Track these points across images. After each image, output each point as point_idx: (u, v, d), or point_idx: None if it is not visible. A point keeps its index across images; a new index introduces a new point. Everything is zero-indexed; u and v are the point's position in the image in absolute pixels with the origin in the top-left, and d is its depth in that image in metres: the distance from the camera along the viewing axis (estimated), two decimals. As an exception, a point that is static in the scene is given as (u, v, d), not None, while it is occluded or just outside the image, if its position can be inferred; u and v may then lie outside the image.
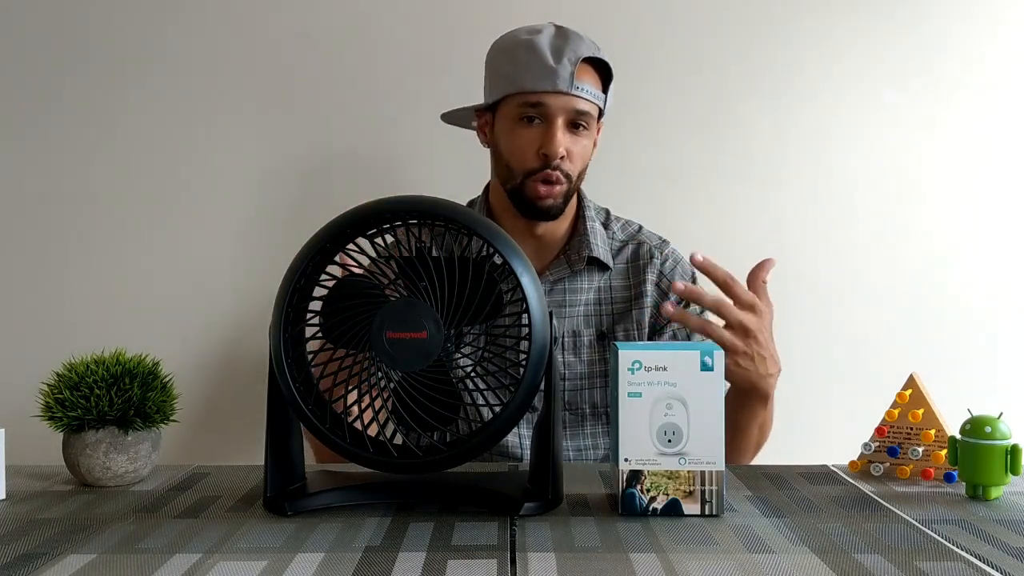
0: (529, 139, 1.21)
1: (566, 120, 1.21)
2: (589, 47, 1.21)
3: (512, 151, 1.23)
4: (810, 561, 0.70)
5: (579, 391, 1.27)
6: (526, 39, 1.21)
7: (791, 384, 1.56)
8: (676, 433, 0.81)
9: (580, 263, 1.28)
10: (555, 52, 1.19)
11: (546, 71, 1.18)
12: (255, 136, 1.58)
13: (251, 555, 0.71)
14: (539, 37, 1.21)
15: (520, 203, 1.24)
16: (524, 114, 1.21)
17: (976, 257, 1.59)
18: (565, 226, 1.31)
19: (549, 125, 1.20)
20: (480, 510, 0.83)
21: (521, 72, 1.20)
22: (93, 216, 1.58)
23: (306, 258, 0.82)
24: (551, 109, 1.20)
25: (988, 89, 1.58)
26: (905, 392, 0.97)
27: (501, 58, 1.24)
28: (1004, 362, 1.58)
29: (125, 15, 1.58)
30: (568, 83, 1.18)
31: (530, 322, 0.80)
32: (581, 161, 1.25)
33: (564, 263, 1.29)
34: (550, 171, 1.21)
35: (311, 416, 0.82)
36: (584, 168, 1.27)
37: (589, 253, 1.28)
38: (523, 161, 1.22)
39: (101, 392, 0.91)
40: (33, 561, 0.71)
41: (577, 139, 1.23)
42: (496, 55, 1.26)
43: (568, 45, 1.20)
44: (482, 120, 1.30)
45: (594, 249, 1.28)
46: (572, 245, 1.30)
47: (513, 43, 1.23)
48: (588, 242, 1.29)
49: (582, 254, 1.28)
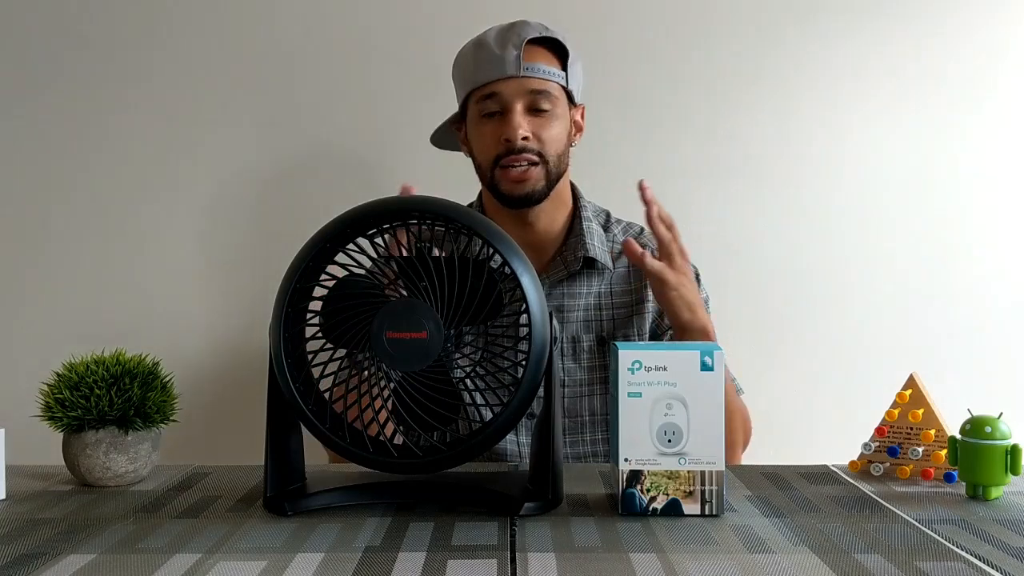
0: (491, 131, 1.22)
1: (525, 104, 1.21)
2: (536, 29, 1.22)
3: (479, 146, 1.25)
4: (810, 561, 0.70)
5: (579, 398, 1.26)
6: (476, 39, 1.24)
7: (791, 384, 1.57)
8: (676, 433, 0.81)
9: (576, 264, 1.27)
10: (500, 41, 1.21)
11: (493, 59, 1.20)
12: (255, 136, 1.59)
13: (251, 555, 0.71)
14: (487, 33, 1.23)
15: (499, 196, 1.25)
16: (484, 109, 1.22)
17: (976, 257, 1.59)
18: (561, 223, 1.29)
19: (507, 112, 1.21)
20: (480, 510, 0.83)
21: (473, 69, 1.22)
22: (93, 216, 1.58)
23: (306, 258, 0.82)
24: (505, 96, 1.20)
25: (991, 90, 1.58)
26: (905, 392, 0.97)
27: (458, 65, 1.27)
28: (1004, 362, 1.58)
29: (126, 15, 1.58)
30: (516, 66, 1.19)
31: (530, 322, 0.80)
32: (555, 143, 1.23)
33: (560, 264, 1.27)
34: (515, 156, 1.21)
35: (311, 416, 0.82)
36: (563, 151, 1.25)
37: (585, 253, 1.26)
38: (488, 152, 1.23)
39: (101, 392, 0.91)
40: (33, 561, 0.71)
41: (542, 121, 1.22)
42: (456, 63, 1.28)
43: (512, 30, 1.21)
44: (460, 131, 1.31)
45: (590, 249, 1.26)
46: (568, 246, 1.28)
47: (466, 48, 1.26)
48: (584, 242, 1.27)
49: (578, 254, 1.26)
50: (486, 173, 1.25)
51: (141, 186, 1.58)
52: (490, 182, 1.25)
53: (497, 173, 1.23)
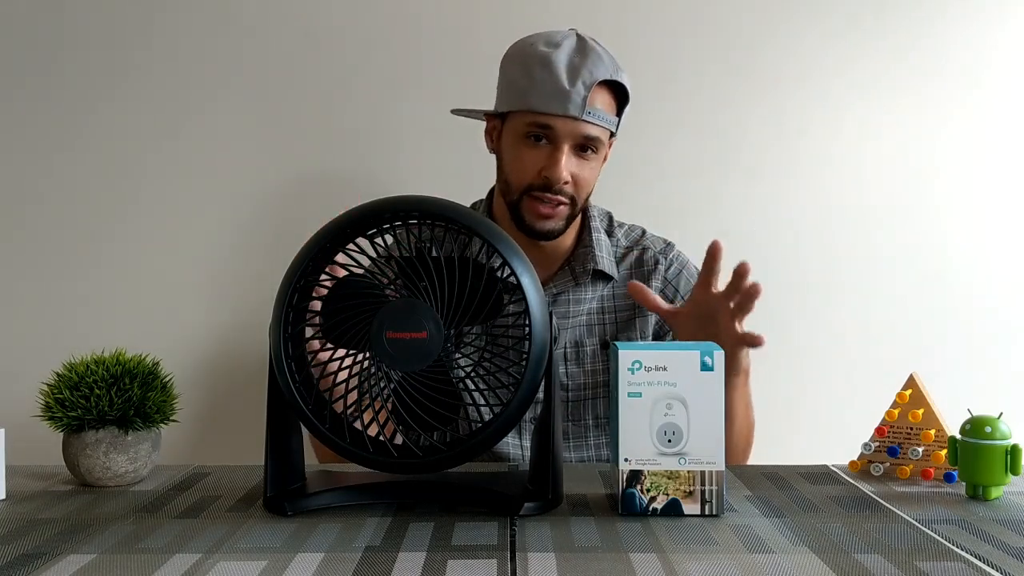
0: (532, 159, 1.18)
1: (573, 145, 1.17)
2: (607, 68, 1.16)
3: (514, 167, 1.20)
4: (810, 561, 0.70)
5: (582, 402, 1.25)
6: (543, 52, 1.16)
7: (792, 384, 1.57)
8: (676, 433, 0.81)
9: (585, 276, 1.26)
10: (570, 72, 1.14)
11: (558, 93, 1.14)
12: (255, 136, 1.58)
13: (251, 555, 0.71)
14: (556, 52, 1.15)
15: (518, 221, 1.22)
16: (531, 132, 1.17)
17: (976, 257, 1.59)
18: (571, 239, 1.28)
19: (555, 149, 1.16)
20: (480, 510, 0.83)
21: (533, 89, 1.15)
22: (93, 216, 1.58)
23: (306, 258, 0.82)
24: (559, 133, 1.16)
25: (993, 89, 1.58)
26: (905, 392, 0.97)
27: (516, 68, 1.19)
28: (1004, 362, 1.58)
29: (126, 14, 1.58)
30: (580, 108, 1.14)
31: (530, 322, 0.80)
32: (588, 185, 1.21)
33: (568, 275, 1.26)
34: (552, 195, 1.18)
35: (311, 416, 0.82)
36: (592, 190, 1.24)
37: (594, 266, 1.25)
38: (523, 178, 1.19)
39: (101, 392, 0.91)
40: (33, 561, 0.71)
41: (584, 163, 1.19)
42: (511, 63, 1.21)
43: (585, 65, 1.14)
44: (491, 125, 1.26)
45: (599, 262, 1.26)
46: (577, 257, 1.27)
47: (529, 55, 1.17)
48: (593, 254, 1.26)
49: (587, 267, 1.25)
50: (513, 195, 1.21)
51: (141, 186, 1.58)
52: (515, 204, 1.21)
53: (525, 202, 1.20)
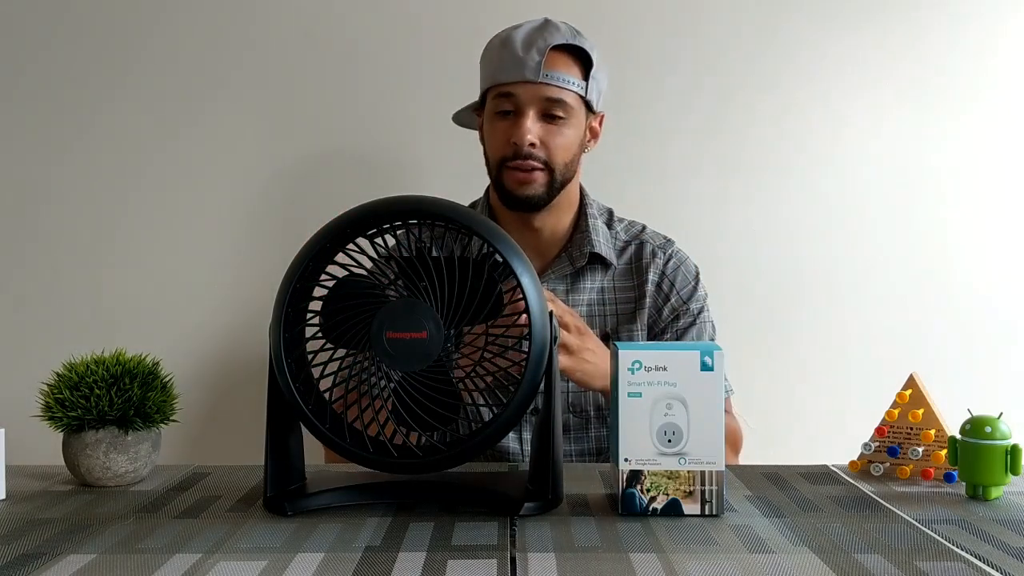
0: (503, 131, 1.24)
1: (538, 110, 1.22)
2: (564, 35, 1.21)
3: (490, 143, 1.28)
4: (810, 561, 0.70)
5: (583, 393, 1.26)
6: (505, 34, 1.24)
7: (792, 384, 1.57)
8: (676, 433, 0.81)
9: (582, 259, 1.28)
10: (526, 43, 1.21)
11: (515, 61, 1.20)
12: (255, 136, 1.58)
13: (251, 555, 0.71)
14: (517, 31, 1.23)
15: (501, 194, 1.26)
16: (499, 107, 1.24)
17: (976, 257, 1.59)
18: (567, 224, 1.31)
19: (519, 115, 1.22)
20: (480, 510, 0.83)
21: (496, 67, 1.23)
22: (92, 216, 1.58)
23: (306, 258, 0.82)
24: (521, 100, 1.21)
25: (994, 90, 1.58)
26: (905, 392, 0.97)
27: (485, 55, 1.28)
28: (1004, 362, 1.58)
29: (126, 13, 1.58)
30: (535, 72, 1.19)
31: (530, 322, 0.80)
32: (563, 151, 1.24)
33: (566, 260, 1.29)
34: (520, 160, 1.22)
35: (311, 416, 0.82)
36: (571, 159, 1.25)
37: (591, 249, 1.28)
38: (497, 151, 1.25)
39: (101, 392, 0.91)
40: (33, 561, 0.71)
41: (553, 128, 1.23)
42: (484, 52, 1.29)
43: (541, 36, 1.21)
44: (479, 119, 1.32)
45: (596, 245, 1.28)
46: (574, 242, 1.30)
47: (495, 41, 1.26)
48: (590, 238, 1.28)
49: (584, 250, 1.28)
50: (493, 170, 1.27)
51: (142, 186, 1.58)
52: (496, 180, 1.27)
53: (503, 173, 1.24)
